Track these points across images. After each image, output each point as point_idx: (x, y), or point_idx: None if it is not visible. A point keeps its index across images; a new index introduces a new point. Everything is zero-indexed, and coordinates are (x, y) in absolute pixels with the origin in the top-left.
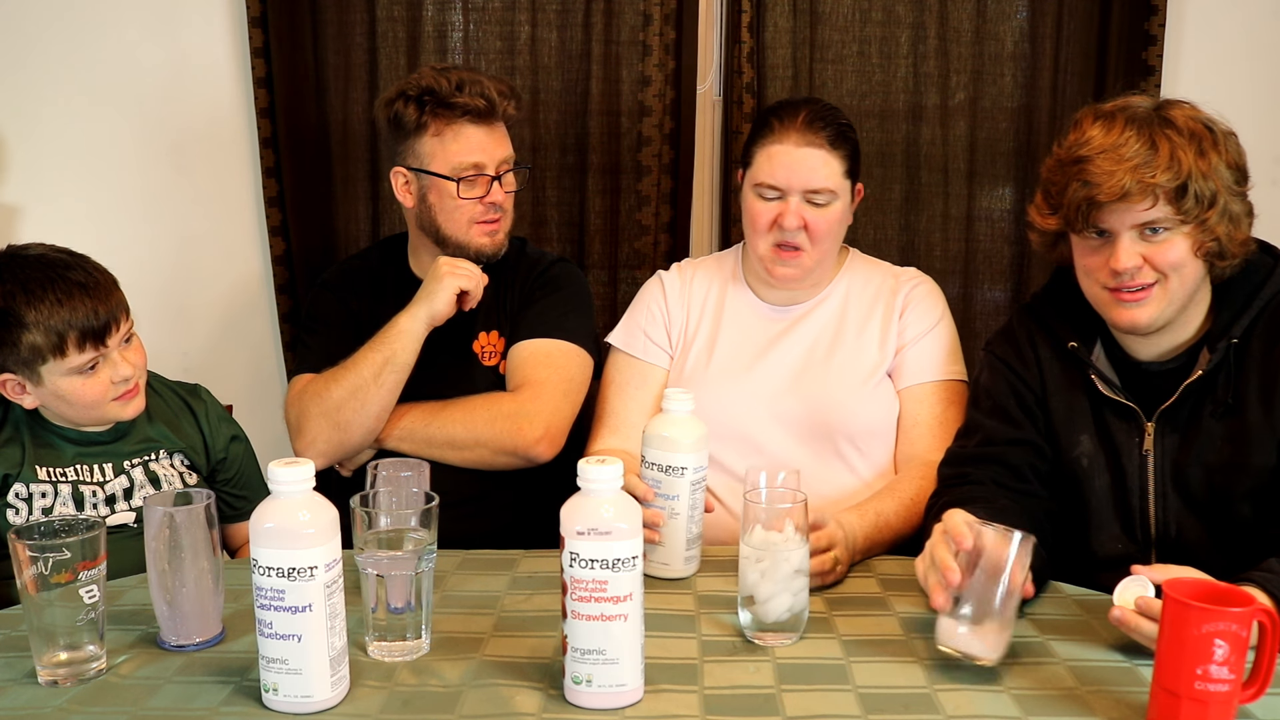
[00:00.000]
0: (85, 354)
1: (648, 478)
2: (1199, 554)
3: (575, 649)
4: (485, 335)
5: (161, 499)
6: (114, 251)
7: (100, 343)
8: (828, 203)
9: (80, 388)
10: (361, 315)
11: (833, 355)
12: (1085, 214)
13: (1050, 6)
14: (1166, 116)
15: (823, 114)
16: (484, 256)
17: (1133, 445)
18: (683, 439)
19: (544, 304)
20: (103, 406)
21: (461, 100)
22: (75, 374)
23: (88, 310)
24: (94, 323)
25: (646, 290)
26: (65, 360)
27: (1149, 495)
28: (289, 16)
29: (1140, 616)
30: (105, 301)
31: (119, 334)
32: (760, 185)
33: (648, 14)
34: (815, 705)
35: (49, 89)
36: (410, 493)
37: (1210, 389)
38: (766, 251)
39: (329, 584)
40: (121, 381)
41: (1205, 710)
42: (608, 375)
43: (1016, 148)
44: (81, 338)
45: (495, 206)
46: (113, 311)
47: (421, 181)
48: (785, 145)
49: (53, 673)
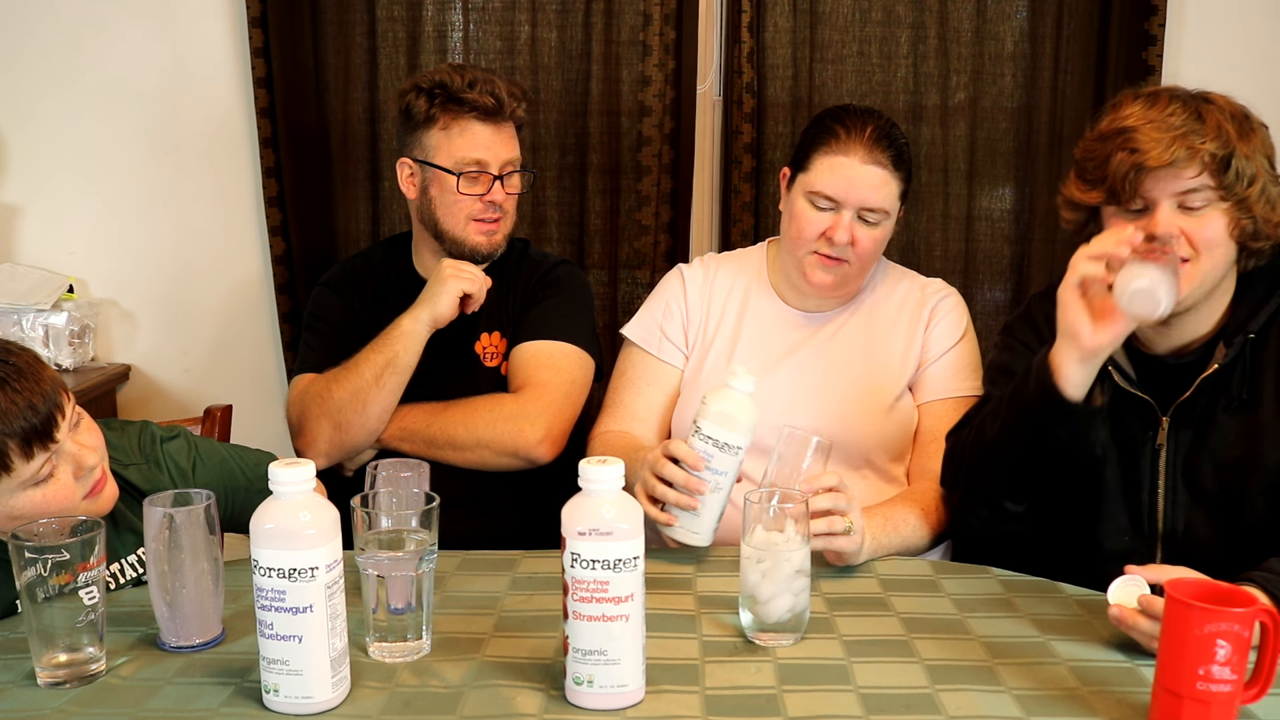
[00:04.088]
0: (34, 461)
1: (700, 450)
2: (1205, 551)
3: (576, 650)
4: (487, 336)
5: (162, 499)
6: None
7: (48, 441)
8: (879, 222)
9: (42, 501)
10: (364, 315)
11: (855, 368)
12: (1132, 182)
13: (1050, 6)
14: (1208, 96)
15: (888, 131)
16: (480, 255)
17: (1145, 439)
18: (743, 419)
19: (546, 306)
20: (74, 511)
21: (471, 96)
22: (30, 486)
23: (22, 408)
24: (34, 420)
25: (666, 284)
26: (12, 476)
27: (1159, 490)
28: (289, 16)
29: (1139, 615)
30: (36, 389)
31: (66, 422)
32: (815, 194)
33: (648, 14)
34: (816, 706)
35: (49, 89)
36: (411, 493)
37: (1225, 384)
38: (808, 257)
39: (330, 585)
40: (87, 473)
41: (1207, 710)
42: (620, 367)
43: (1016, 148)
44: (25, 443)
45: (495, 206)
46: (50, 398)
47: (425, 174)
48: (850, 159)
49: (52, 674)
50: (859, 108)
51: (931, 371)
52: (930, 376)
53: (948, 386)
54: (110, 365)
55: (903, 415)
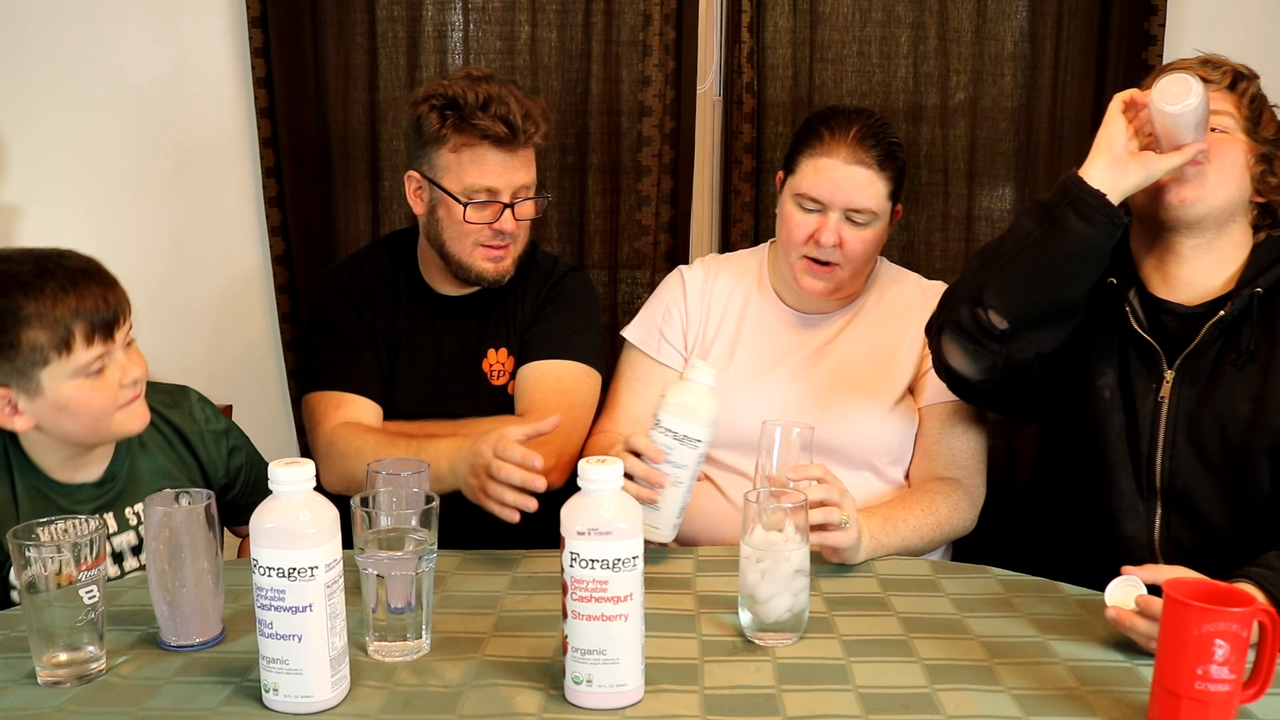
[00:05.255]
0: (93, 349)
1: (660, 442)
2: (1208, 512)
3: (575, 649)
4: (494, 353)
5: (162, 499)
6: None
7: (108, 337)
8: (867, 223)
9: (87, 393)
10: (376, 328)
11: (855, 373)
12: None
13: (1050, 6)
14: None
15: (874, 131)
16: (485, 281)
17: (1149, 391)
18: (702, 411)
19: (554, 323)
20: (110, 417)
21: (483, 123)
22: (81, 375)
23: (96, 298)
24: (103, 313)
25: (667, 286)
26: (71, 358)
27: (1158, 443)
28: (289, 16)
29: (1136, 615)
30: (113, 290)
31: (124, 329)
32: (801, 196)
33: (648, 14)
34: (816, 705)
35: (49, 89)
36: (410, 493)
37: (1233, 339)
38: (798, 261)
39: (329, 584)
40: (131, 384)
41: (1206, 710)
42: (620, 368)
43: (1016, 148)
44: (90, 330)
45: (503, 234)
46: (119, 302)
47: (433, 193)
48: (833, 160)
49: (52, 673)
50: (848, 108)
51: (932, 374)
52: (931, 379)
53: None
54: None
55: (903, 418)
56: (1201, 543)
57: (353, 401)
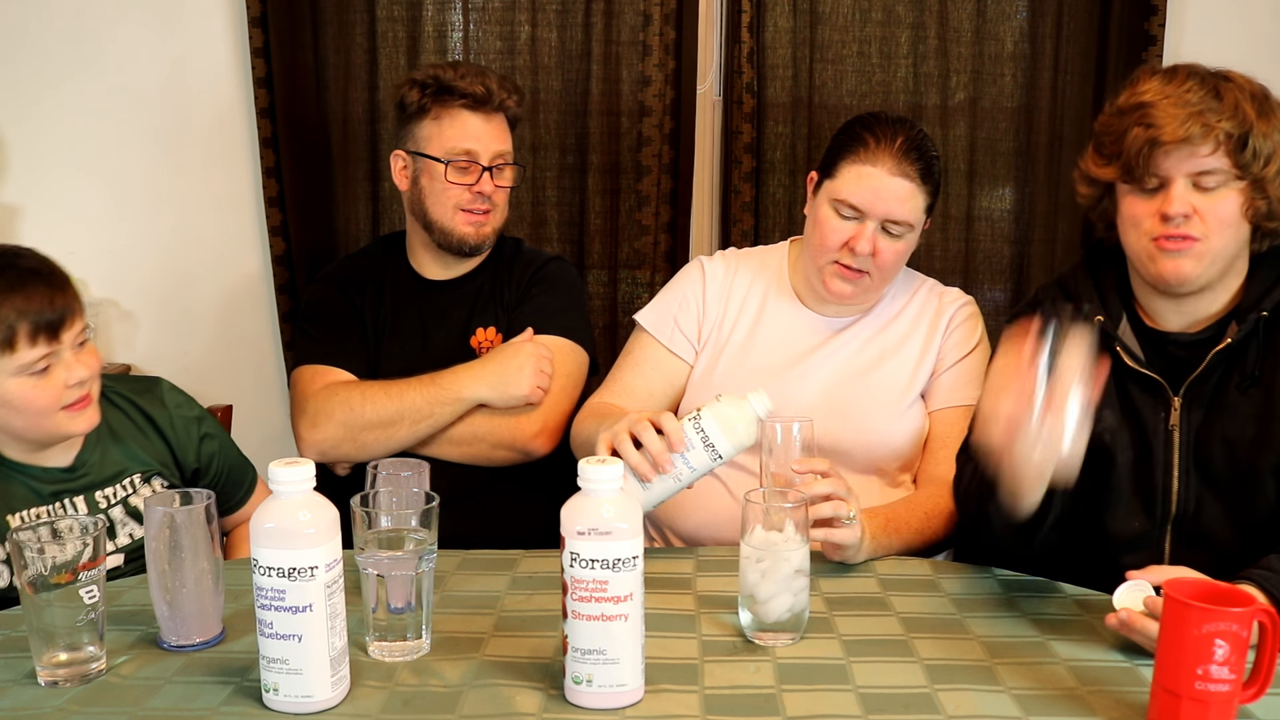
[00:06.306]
0: (37, 349)
1: (687, 435)
2: (1215, 533)
3: (576, 649)
4: (483, 331)
5: (162, 499)
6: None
7: (54, 337)
8: (902, 234)
9: (31, 391)
10: (364, 313)
11: (869, 376)
12: (1146, 158)
13: (1050, 6)
14: (1227, 74)
15: (919, 144)
16: (467, 246)
17: (1158, 421)
18: (741, 433)
19: (540, 301)
20: (53, 416)
21: (461, 85)
22: (24, 374)
23: (41, 300)
24: (48, 313)
25: (686, 275)
26: (15, 356)
27: (1173, 471)
28: (289, 16)
29: (1146, 619)
30: (61, 292)
31: (73, 331)
32: (840, 202)
33: (648, 14)
34: (816, 705)
35: (49, 89)
36: (410, 493)
37: (1237, 363)
38: (828, 266)
39: (329, 584)
40: (76, 385)
41: (1206, 710)
42: (629, 347)
43: (1016, 148)
44: (34, 330)
45: (483, 197)
46: (68, 304)
47: (416, 164)
48: (877, 169)
49: (52, 673)
50: (892, 116)
51: (944, 379)
52: (942, 384)
53: (959, 394)
54: (110, 365)
55: (914, 423)
56: (1208, 567)
57: (339, 375)
